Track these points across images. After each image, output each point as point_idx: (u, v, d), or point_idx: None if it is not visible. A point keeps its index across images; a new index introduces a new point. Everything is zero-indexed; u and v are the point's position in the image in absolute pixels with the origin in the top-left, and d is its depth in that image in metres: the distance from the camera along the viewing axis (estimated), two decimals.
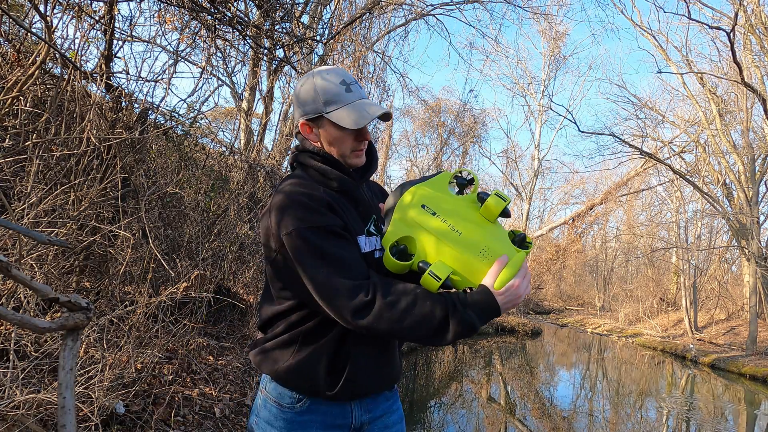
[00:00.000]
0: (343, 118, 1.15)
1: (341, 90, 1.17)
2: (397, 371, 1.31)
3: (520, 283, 1.10)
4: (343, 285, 1.06)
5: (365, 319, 1.05)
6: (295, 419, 1.18)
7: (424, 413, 6.11)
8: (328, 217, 1.11)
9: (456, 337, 1.07)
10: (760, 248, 11.32)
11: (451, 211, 1.16)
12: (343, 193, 1.22)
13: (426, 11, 10.68)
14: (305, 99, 1.19)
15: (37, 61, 2.68)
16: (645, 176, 19.67)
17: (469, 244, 1.12)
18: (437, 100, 19.67)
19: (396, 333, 1.07)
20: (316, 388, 1.17)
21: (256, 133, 9.47)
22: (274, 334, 1.23)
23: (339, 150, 1.21)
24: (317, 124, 1.20)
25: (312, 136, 1.23)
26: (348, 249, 1.12)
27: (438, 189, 1.21)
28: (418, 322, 1.05)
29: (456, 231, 1.14)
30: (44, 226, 2.70)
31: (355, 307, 1.05)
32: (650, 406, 7.62)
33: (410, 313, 1.05)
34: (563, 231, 22.62)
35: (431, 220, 1.15)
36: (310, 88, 1.18)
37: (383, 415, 1.29)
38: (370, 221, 1.25)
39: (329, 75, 1.19)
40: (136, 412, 2.72)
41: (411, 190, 1.20)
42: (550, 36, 22.13)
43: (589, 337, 16.05)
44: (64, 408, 0.98)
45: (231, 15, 4.16)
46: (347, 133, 1.19)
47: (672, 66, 13.46)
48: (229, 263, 4.99)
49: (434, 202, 1.17)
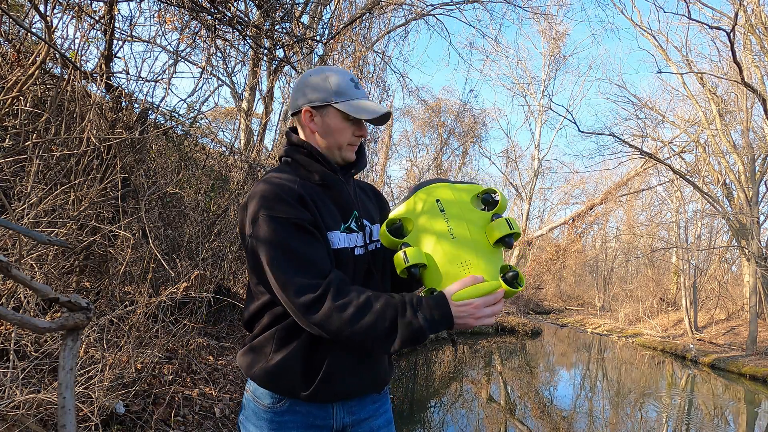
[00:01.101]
0: (355, 109, 1.20)
1: (351, 86, 1.23)
2: (383, 374, 1.28)
3: (480, 305, 1.06)
4: (295, 281, 1.07)
5: (314, 317, 1.05)
6: (274, 419, 1.18)
7: (424, 413, 6.11)
8: (297, 210, 1.12)
9: (403, 343, 1.05)
10: (760, 248, 11.32)
11: (459, 218, 1.17)
12: (324, 187, 1.24)
13: (426, 11, 10.68)
14: (314, 87, 1.23)
15: (37, 61, 2.69)
16: (645, 176, 19.67)
17: (456, 250, 1.13)
18: (437, 100, 19.68)
19: (345, 335, 1.05)
20: (291, 389, 1.17)
21: (256, 133, 9.48)
22: (252, 335, 1.24)
23: (336, 140, 1.24)
24: (321, 112, 1.23)
25: (311, 125, 1.25)
26: (310, 244, 1.11)
27: (461, 195, 1.22)
28: (368, 326, 1.04)
29: (451, 235, 1.14)
30: (44, 226, 2.70)
31: (303, 304, 1.05)
32: (650, 406, 7.62)
33: (361, 317, 1.04)
34: (563, 231, 22.62)
35: (436, 217, 1.18)
36: (322, 78, 1.23)
37: (368, 418, 1.27)
38: (351, 218, 1.25)
39: (339, 71, 1.25)
40: (136, 412, 2.72)
41: (436, 186, 1.24)
42: (550, 36, 22.15)
43: (589, 337, 16.05)
44: (64, 408, 0.98)
45: (231, 15, 4.16)
46: (349, 126, 1.23)
47: (672, 66, 13.46)
48: (229, 263, 4.99)
49: (448, 205, 1.19)
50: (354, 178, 1.37)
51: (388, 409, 1.35)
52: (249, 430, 1.22)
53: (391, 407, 1.38)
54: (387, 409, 1.34)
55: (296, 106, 1.26)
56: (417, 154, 20.99)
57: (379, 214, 1.39)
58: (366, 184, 1.46)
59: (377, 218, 1.36)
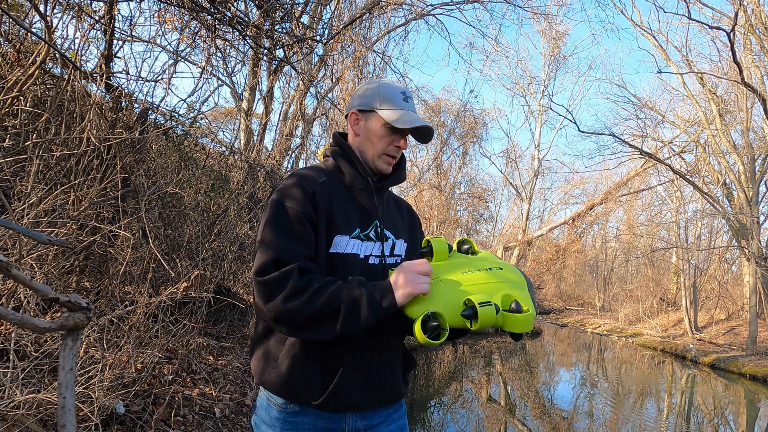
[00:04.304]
0: (393, 117, 1.24)
1: (400, 98, 1.27)
2: (396, 389, 1.28)
3: (400, 267, 1.12)
4: (268, 252, 1.10)
5: (265, 304, 1.07)
6: (288, 419, 1.19)
7: (424, 413, 6.11)
8: (302, 204, 1.15)
9: (345, 325, 1.06)
10: (760, 248, 11.31)
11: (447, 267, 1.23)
12: (351, 190, 1.26)
13: (426, 11, 10.68)
14: (364, 93, 1.29)
15: (37, 61, 2.69)
16: (645, 176, 19.68)
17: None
18: (437, 100, 19.66)
19: (297, 317, 1.06)
20: (302, 397, 1.17)
21: (256, 133, 9.48)
22: (260, 333, 1.24)
23: (375, 147, 1.27)
24: (365, 117, 1.28)
25: (355, 127, 1.30)
26: (297, 234, 1.14)
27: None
28: (317, 310, 1.06)
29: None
30: (44, 226, 2.70)
31: (261, 269, 1.09)
32: (650, 406, 7.62)
33: (314, 303, 1.06)
34: (563, 231, 22.63)
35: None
36: (374, 86, 1.30)
37: (381, 423, 1.26)
38: (371, 226, 1.25)
39: (393, 82, 1.32)
40: (136, 412, 2.72)
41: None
42: (550, 36, 22.15)
43: (589, 337, 16.05)
44: (64, 408, 0.98)
45: (231, 15, 4.16)
46: (388, 134, 1.26)
47: (672, 66, 13.46)
48: (229, 263, 4.98)
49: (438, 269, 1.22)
50: (390, 191, 1.39)
51: (403, 415, 1.33)
52: (262, 430, 1.22)
53: (406, 413, 1.36)
54: (401, 415, 1.33)
55: (348, 108, 1.32)
56: (417, 154, 20.97)
57: (408, 234, 1.39)
58: (403, 201, 1.48)
59: (405, 235, 1.37)
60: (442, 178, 19.24)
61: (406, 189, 17.42)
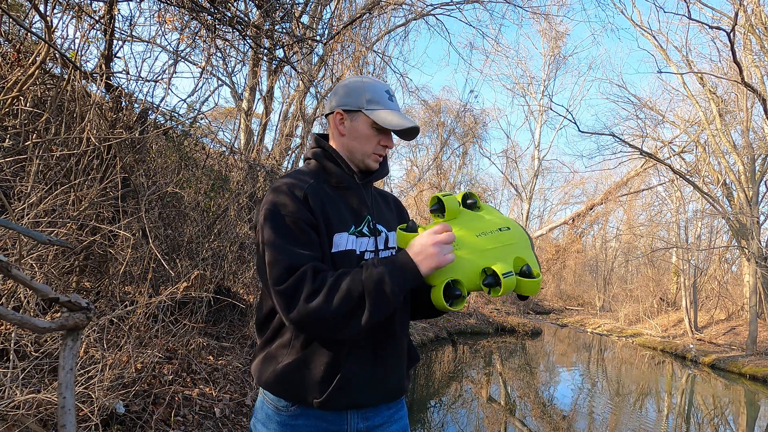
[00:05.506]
0: (383, 119, 1.23)
1: (385, 97, 1.26)
2: (399, 386, 1.27)
3: (421, 237, 1.10)
4: (280, 262, 1.09)
5: (291, 314, 1.06)
6: (288, 422, 1.18)
7: (424, 413, 6.11)
8: (298, 208, 1.14)
9: (373, 303, 1.04)
10: (760, 248, 11.31)
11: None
12: (339, 190, 1.25)
13: (426, 11, 10.67)
14: (349, 92, 1.26)
15: (37, 61, 2.69)
16: (645, 176, 19.67)
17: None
18: (437, 100, 19.66)
19: (323, 315, 1.05)
20: (303, 396, 1.16)
21: (256, 133, 9.48)
22: (264, 341, 1.24)
23: (362, 147, 1.26)
24: (351, 117, 1.26)
25: (341, 127, 1.27)
26: (301, 239, 1.13)
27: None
28: (341, 301, 1.05)
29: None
30: (44, 226, 2.70)
31: (277, 280, 1.08)
32: (650, 406, 7.62)
33: (332, 298, 1.05)
34: (563, 231, 22.64)
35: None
36: (359, 83, 1.27)
37: (383, 424, 1.25)
38: (364, 222, 1.25)
39: (376, 81, 1.30)
40: (136, 412, 2.72)
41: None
42: (550, 36, 22.16)
43: (589, 337, 16.05)
44: (64, 408, 0.98)
45: (231, 15, 4.16)
46: (375, 134, 1.26)
47: (672, 66, 13.46)
48: (229, 263, 4.98)
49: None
50: (374, 185, 1.38)
51: (404, 415, 1.32)
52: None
53: (407, 414, 1.36)
54: (402, 416, 1.32)
55: (330, 107, 1.29)
56: (417, 154, 20.99)
57: (397, 224, 1.38)
58: (388, 193, 1.48)
59: (395, 226, 1.36)
60: (442, 178, 19.23)
61: (406, 189, 17.42)
